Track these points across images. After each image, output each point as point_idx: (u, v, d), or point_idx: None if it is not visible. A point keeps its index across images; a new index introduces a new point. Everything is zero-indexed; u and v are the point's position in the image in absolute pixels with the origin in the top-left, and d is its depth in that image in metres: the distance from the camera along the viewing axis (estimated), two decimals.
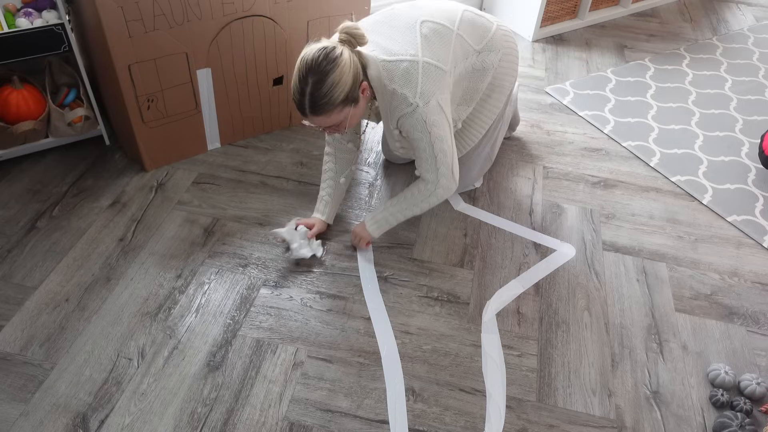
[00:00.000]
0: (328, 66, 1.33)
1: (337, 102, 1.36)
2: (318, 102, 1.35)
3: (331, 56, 1.33)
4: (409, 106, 1.44)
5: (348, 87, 1.36)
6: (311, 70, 1.33)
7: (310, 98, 1.35)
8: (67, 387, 1.36)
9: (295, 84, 1.37)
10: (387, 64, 1.44)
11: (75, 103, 1.95)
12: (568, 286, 1.69)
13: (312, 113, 1.38)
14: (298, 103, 1.38)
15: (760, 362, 1.53)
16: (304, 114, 1.39)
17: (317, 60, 1.33)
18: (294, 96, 1.38)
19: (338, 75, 1.33)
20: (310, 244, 1.68)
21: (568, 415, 1.39)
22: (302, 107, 1.38)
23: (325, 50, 1.34)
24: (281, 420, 1.33)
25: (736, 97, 2.52)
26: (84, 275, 1.61)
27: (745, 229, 1.90)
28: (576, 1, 2.92)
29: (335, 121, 1.42)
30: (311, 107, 1.36)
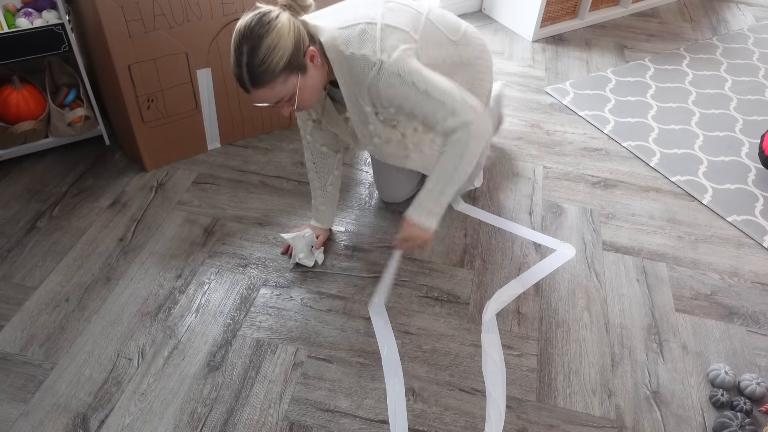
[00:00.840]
0: (262, 29, 1.18)
1: (278, 69, 1.20)
2: (256, 71, 1.19)
3: (265, 20, 1.18)
4: (372, 66, 1.26)
5: (289, 51, 1.20)
6: (244, 37, 1.18)
7: (248, 69, 1.19)
8: (67, 387, 1.36)
9: (232, 57, 1.22)
10: (342, 31, 1.27)
11: (75, 103, 1.95)
12: (568, 286, 1.69)
13: (253, 86, 1.21)
14: (237, 78, 1.22)
15: (760, 362, 1.53)
16: (246, 89, 1.23)
17: (249, 26, 1.18)
18: (233, 71, 1.22)
19: (275, 38, 1.18)
20: (310, 250, 1.67)
21: (568, 415, 1.39)
22: (242, 81, 1.22)
23: (258, 14, 1.20)
24: (281, 420, 1.33)
25: (736, 97, 2.52)
26: (84, 275, 1.61)
27: (745, 229, 1.90)
28: (576, 1, 2.92)
29: (282, 93, 1.24)
30: (251, 79, 1.20)
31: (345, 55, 1.27)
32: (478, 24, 2.96)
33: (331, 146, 1.62)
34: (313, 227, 1.71)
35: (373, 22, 1.28)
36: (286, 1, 1.25)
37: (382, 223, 1.84)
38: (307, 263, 1.66)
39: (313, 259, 1.67)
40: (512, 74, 2.59)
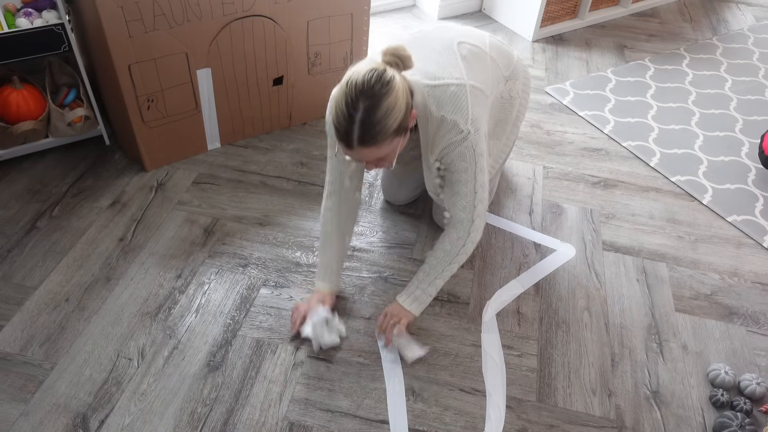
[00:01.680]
0: (382, 89, 1.15)
1: (391, 131, 1.18)
2: (370, 131, 1.16)
3: (385, 79, 1.15)
4: (459, 133, 1.30)
5: (402, 114, 1.19)
6: (363, 93, 1.14)
7: (361, 126, 1.15)
8: (67, 387, 1.36)
9: (340, 110, 1.17)
10: (433, 90, 1.30)
11: (75, 103, 1.95)
12: (568, 286, 1.69)
13: (361, 144, 1.17)
14: (344, 132, 1.17)
15: (760, 362, 1.53)
16: (349, 145, 1.18)
17: (369, 82, 1.14)
18: (338, 124, 1.18)
19: (393, 100, 1.16)
20: (332, 327, 1.48)
21: (568, 415, 1.39)
22: (349, 137, 1.17)
23: (377, 72, 1.16)
24: (281, 420, 1.33)
25: (736, 97, 2.52)
26: (84, 275, 1.61)
27: (745, 229, 1.90)
28: (576, 1, 2.92)
29: (384, 153, 1.22)
30: (361, 137, 1.16)
31: (435, 116, 1.31)
32: (478, 24, 2.96)
33: (360, 189, 1.53)
34: (322, 294, 1.52)
35: (462, 84, 1.31)
36: (392, 59, 1.22)
37: (383, 222, 1.84)
38: (337, 341, 1.48)
39: (337, 335, 1.48)
40: None
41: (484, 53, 1.43)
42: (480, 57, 1.41)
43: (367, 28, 2.11)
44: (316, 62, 2.08)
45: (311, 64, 2.08)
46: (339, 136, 1.19)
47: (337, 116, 1.18)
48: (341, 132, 1.18)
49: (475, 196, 1.38)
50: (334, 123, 1.19)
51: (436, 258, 1.45)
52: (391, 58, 1.21)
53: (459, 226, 1.41)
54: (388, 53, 1.22)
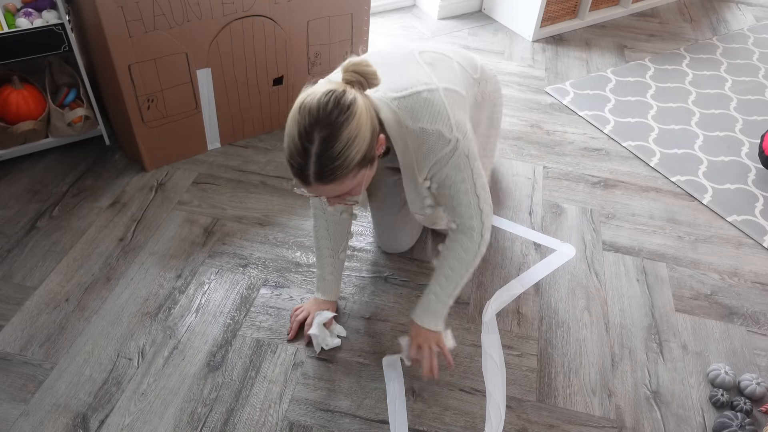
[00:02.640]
0: (341, 116, 0.98)
1: (354, 164, 1.01)
2: (329, 165, 0.99)
3: (344, 103, 0.99)
4: (447, 143, 1.15)
5: (366, 142, 1.02)
6: (318, 121, 0.97)
7: (317, 161, 0.99)
8: (67, 387, 1.36)
9: (293, 142, 1.00)
10: (402, 101, 1.13)
11: (75, 103, 1.95)
12: (568, 286, 1.69)
13: (319, 181, 1.01)
14: (298, 168, 1.01)
15: (760, 362, 1.53)
16: (305, 181, 1.03)
17: (325, 108, 0.98)
18: (291, 158, 1.01)
19: (355, 127, 0.99)
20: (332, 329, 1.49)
21: (568, 415, 1.39)
22: (304, 172, 1.01)
23: (334, 94, 0.99)
24: (281, 420, 1.33)
25: (736, 97, 2.52)
26: (84, 275, 1.61)
27: (745, 229, 1.90)
28: (576, 1, 2.92)
29: (347, 188, 1.06)
30: (318, 173, 1.00)
31: (413, 129, 1.14)
32: (478, 24, 2.96)
33: (349, 210, 1.44)
34: (321, 302, 1.50)
35: (434, 88, 1.15)
36: (353, 77, 1.04)
37: None
38: (338, 343, 1.47)
39: (335, 338, 1.47)
40: (512, 74, 2.59)
41: (448, 58, 1.31)
42: (445, 62, 1.28)
43: (367, 28, 2.11)
44: (316, 62, 2.08)
45: (311, 64, 2.08)
46: (293, 171, 1.02)
47: (289, 148, 1.01)
48: (295, 167, 1.01)
49: (479, 200, 1.25)
50: (287, 156, 1.02)
51: (451, 268, 1.31)
52: (352, 75, 1.04)
53: (470, 232, 1.28)
54: (348, 70, 1.05)
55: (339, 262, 1.49)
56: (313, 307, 1.49)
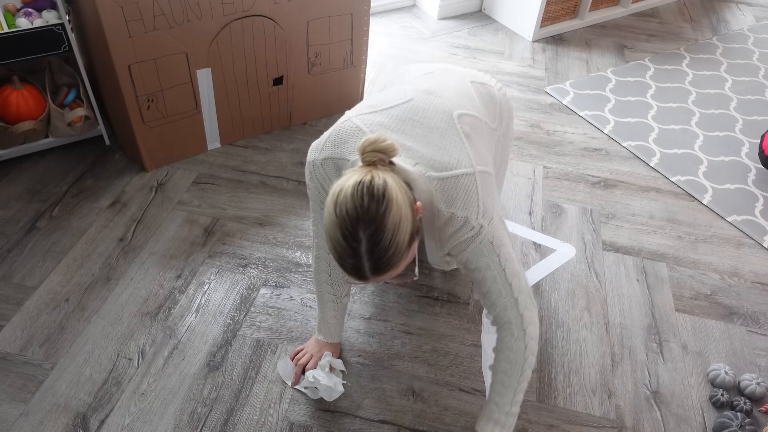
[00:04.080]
0: (379, 207, 0.94)
1: (404, 247, 0.99)
2: (382, 259, 0.98)
3: (378, 192, 0.95)
4: (471, 230, 1.11)
5: (410, 222, 0.99)
6: (360, 221, 0.95)
7: (370, 258, 0.97)
8: (67, 387, 1.36)
9: (339, 246, 0.98)
10: (442, 183, 1.09)
11: (75, 103, 1.95)
12: (568, 286, 1.69)
13: (375, 274, 1.00)
14: (352, 268, 0.99)
15: (760, 362, 1.53)
16: (363, 278, 1.01)
17: (361, 204, 0.94)
18: (342, 260, 0.99)
19: (396, 213, 0.96)
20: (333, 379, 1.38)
21: (568, 415, 1.39)
22: (360, 271, 0.99)
23: (363, 186, 0.95)
24: (281, 420, 1.33)
25: (736, 97, 2.52)
26: (84, 275, 1.61)
27: (745, 229, 1.90)
28: (576, 1, 2.92)
29: (402, 267, 1.05)
30: (374, 268, 0.99)
31: (444, 213, 1.11)
32: (478, 24, 2.96)
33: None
34: (322, 344, 1.44)
35: (471, 173, 1.11)
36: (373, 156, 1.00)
37: None
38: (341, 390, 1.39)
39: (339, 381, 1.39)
40: (512, 74, 2.59)
41: (479, 121, 1.23)
42: (478, 128, 1.22)
43: (367, 28, 2.11)
44: (316, 62, 2.08)
45: (311, 64, 2.08)
46: (347, 270, 1.01)
47: (337, 251, 0.99)
48: (349, 267, 1.00)
49: (511, 290, 1.16)
50: (336, 258, 1.00)
51: (504, 372, 1.22)
52: (372, 156, 1.01)
53: (509, 326, 1.19)
54: (366, 151, 1.01)
55: (342, 307, 1.41)
56: (315, 350, 1.42)
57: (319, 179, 1.19)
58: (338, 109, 2.28)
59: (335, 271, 1.34)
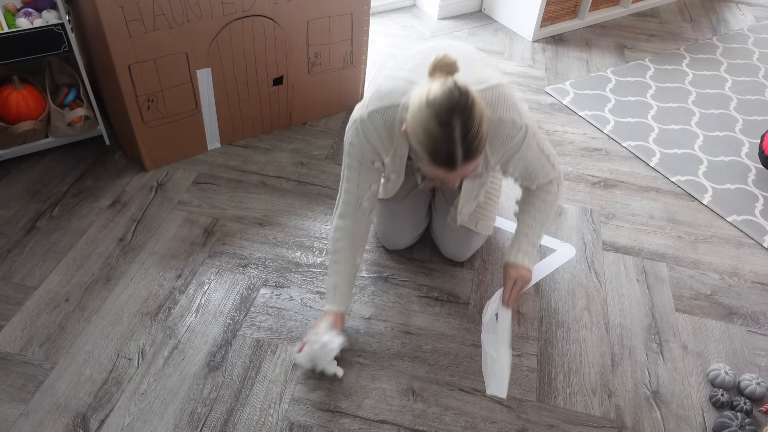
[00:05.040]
0: (467, 99, 1.10)
1: (486, 137, 1.15)
2: (472, 144, 1.12)
3: (463, 89, 1.10)
4: (519, 130, 1.29)
5: (487, 118, 1.15)
6: (454, 110, 1.09)
7: (463, 143, 1.10)
8: (67, 387, 1.36)
9: (435, 135, 1.11)
10: (483, 93, 1.23)
11: (75, 103, 1.95)
12: (568, 286, 1.69)
13: (466, 160, 1.13)
14: (446, 155, 1.12)
15: (760, 362, 1.53)
16: (453, 165, 1.14)
17: (453, 96, 1.09)
18: (437, 149, 1.12)
19: (479, 107, 1.12)
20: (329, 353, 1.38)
21: (568, 415, 1.39)
22: (452, 158, 1.12)
23: (451, 85, 1.11)
24: (281, 420, 1.33)
25: (736, 97, 2.52)
26: (84, 275, 1.61)
27: (745, 229, 1.90)
28: (576, 1, 2.92)
29: (479, 162, 1.19)
30: (466, 153, 1.12)
31: (492, 119, 1.25)
32: (478, 24, 2.96)
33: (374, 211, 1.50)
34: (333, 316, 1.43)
35: (503, 83, 1.28)
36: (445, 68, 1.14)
37: None
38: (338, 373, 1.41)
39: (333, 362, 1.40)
40: (512, 74, 2.59)
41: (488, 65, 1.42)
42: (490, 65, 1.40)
43: (367, 28, 2.11)
44: (316, 62, 2.08)
45: (311, 64, 2.08)
46: (440, 160, 1.13)
47: (432, 140, 1.12)
48: (443, 156, 1.12)
49: (549, 160, 1.40)
50: (431, 150, 1.13)
51: (539, 210, 1.44)
52: (444, 68, 1.15)
53: (548, 187, 1.44)
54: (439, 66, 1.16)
55: (354, 269, 1.46)
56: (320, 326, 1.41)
57: (365, 133, 1.32)
58: (338, 109, 2.28)
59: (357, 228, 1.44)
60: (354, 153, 1.36)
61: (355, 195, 1.41)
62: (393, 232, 1.69)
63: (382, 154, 1.35)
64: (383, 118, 1.29)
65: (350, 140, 1.35)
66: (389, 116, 1.29)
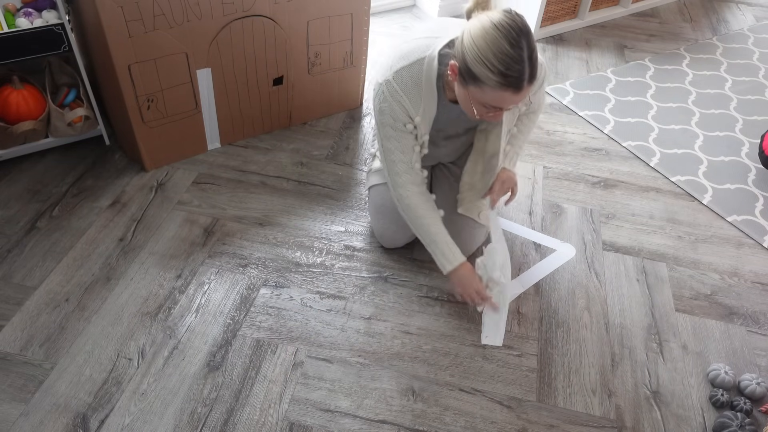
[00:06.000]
0: (525, 24, 1.15)
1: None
2: (536, 64, 1.17)
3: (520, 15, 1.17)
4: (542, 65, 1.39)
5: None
6: (521, 31, 1.13)
7: (530, 63, 1.15)
8: (67, 387, 1.36)
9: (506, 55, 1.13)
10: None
11: (75, 103, 1.95)
12: (568, 286, 1.69)
13: (530, 81, 1.18)
14: (517, 76, 1.15)
15: (760, 362, 1.53)
16: (520, 87, 1.18)
17: (517, 20, 1.14)
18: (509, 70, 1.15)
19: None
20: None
21: (568, 415, 1.39)
22: (521, 78, 1.16)
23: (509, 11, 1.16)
24: (281, 420, 1.33)
25: (736, 97, 2.52)
26: (84, 275, 1.61)
27: (745, 229, 1.90)
28: (576, 1, 2.92)
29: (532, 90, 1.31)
30: (531, 74, 1.17)
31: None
32: None
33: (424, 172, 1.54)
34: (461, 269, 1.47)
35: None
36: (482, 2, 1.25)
37: None
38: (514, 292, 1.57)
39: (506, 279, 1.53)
40: None
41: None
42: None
43: (367, 28, 2.11)
44: (316, 62, 2.08)
45: (311, 64, 2.07)
46: (510, 80, 1.15)
47: (504, 63, 1.14)
48: (513, 77, 1.15)
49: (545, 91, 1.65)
50: (502, 71, 1.15)
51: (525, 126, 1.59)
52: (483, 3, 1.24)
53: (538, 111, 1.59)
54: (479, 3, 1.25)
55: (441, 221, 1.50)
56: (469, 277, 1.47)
57: (392, 95, 1.35)
58: (338, 109, 2.28)
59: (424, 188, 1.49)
60: (386, 120, 1.38)
61: (404, 162, 1.43)
62: (390, 229, 1.69)
63: (412, 113, 1.37)
64: (410, 73, 1.32)
65: (379, 107, 1.37)
66: (416, 71, 1.32)
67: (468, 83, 1.22)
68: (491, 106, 1.24)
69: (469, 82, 1.22)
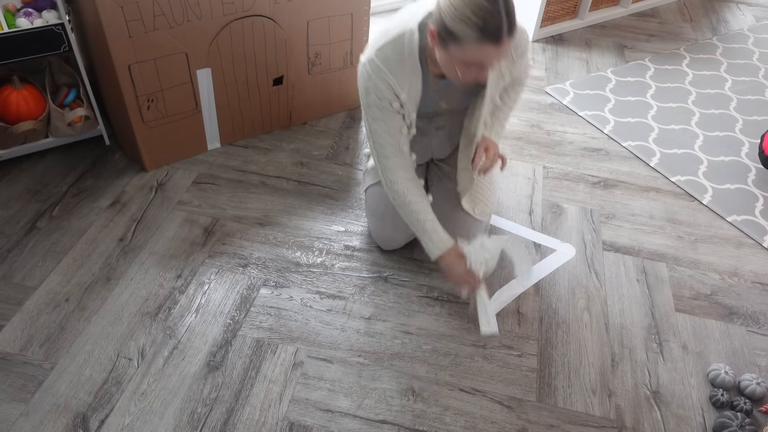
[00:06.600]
0: None
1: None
2: (513, 16, 1.17)
3: None
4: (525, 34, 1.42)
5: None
6: None
7: (507, 15, 1.15)
8: (67, 387, 1.36)
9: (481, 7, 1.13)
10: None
11: (75, 103, 1.95)
12: (568, 286, 1.69)
13: (509, 33, 1.17)
14: (494, 28, 1.15)
15: (760, 362, 1.53)
16: (499, 39, 1.17)
17: None
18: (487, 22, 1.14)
19: None
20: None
21: (568, 415, 1.39)
22: (499, 30, 1.15)
23: None
24: (281, 420, 1.33)
25: (736, 97, 2.52)
26: (84, 275, 1.61)
27: (745, 229, 1.90)
28: (576, 1, 2.92)
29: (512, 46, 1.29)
30: (509, 26, 1.16)
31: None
32: None
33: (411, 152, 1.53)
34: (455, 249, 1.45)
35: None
36: None
37: None
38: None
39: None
40: None
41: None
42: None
43: (367, 28, 2.11)
44: (316, 62, 2.08)
45: (311, 64, 2.07)
46: (488, 33, 1.15)
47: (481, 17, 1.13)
48: (491, 29, 1.14)
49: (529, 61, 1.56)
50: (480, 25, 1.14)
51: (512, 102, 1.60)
52: None
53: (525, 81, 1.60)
54: None
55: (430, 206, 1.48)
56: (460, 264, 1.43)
57: (376, 73, 1.33)
58: (338, 109, 2.28)
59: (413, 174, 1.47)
60: (371, 100, 1.36)
61: (392, 144, 1.41)
62: (387, 230, 1.68)
63: (398, 90, 1.35)
64: (393, 48, 1.32)
65: (364, 86, 1.36)
66: (398, 45, 1.31)
67: (448, 44, 1.20)
68: (473, 65, 1.22)
69: (449, 42, 1.20)
